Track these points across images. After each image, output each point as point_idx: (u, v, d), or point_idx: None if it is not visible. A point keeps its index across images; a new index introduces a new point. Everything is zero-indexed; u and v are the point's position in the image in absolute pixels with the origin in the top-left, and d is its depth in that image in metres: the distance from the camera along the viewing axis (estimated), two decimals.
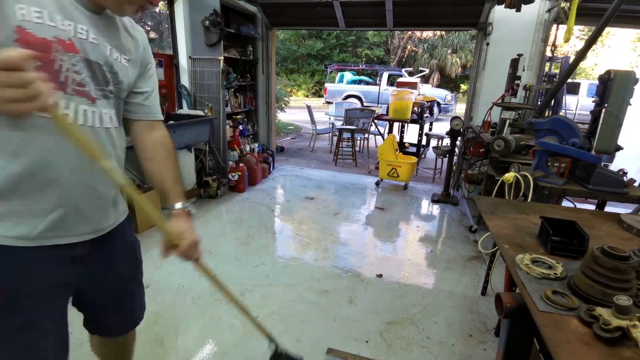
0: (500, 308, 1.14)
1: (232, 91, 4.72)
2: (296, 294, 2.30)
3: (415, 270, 2.68)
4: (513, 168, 2.33)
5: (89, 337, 1.28)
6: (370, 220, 3.60)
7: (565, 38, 3.02)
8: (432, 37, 18.92)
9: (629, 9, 3.40)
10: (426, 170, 5.54)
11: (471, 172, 3.71)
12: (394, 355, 1.85)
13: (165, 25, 4.05)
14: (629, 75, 2.00)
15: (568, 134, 2.06)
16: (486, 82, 4.16)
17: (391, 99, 5.67)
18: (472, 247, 3.07)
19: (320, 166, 5.66)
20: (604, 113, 2.05)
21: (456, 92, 17.63)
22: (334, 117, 8.32)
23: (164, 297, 2.19)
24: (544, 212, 1.61)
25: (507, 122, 2.99)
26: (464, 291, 2.42)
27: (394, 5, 4.21)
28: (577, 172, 2.16)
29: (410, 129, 6.97)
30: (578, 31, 13.49)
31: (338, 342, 1.87)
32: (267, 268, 2.61)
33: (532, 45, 3.84)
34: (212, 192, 3.88)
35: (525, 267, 1.12)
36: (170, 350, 1.80)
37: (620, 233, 1.48)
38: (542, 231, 1.33)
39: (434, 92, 12.35)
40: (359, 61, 19.21)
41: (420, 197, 4.38)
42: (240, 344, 1.86)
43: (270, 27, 5.06)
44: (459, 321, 2.12)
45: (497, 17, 3.92)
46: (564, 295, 0.98)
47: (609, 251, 0.96)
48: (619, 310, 0.84)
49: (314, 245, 3.02)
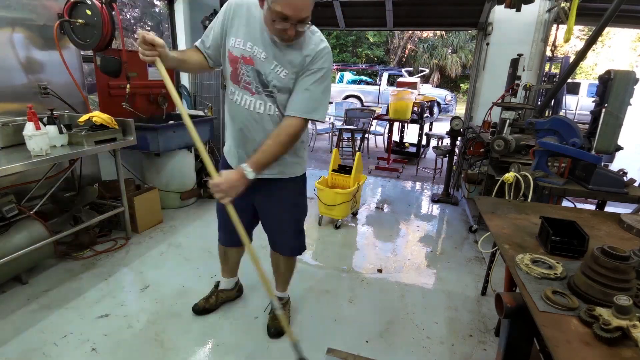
0: (500, 308, 1.14)
1: None
2: (296, 294, 2.30)
3: (415, 270, 2.68)
4: (513, 168, 2.32)
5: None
6: (370, 220, 3.60)
7: (565, 38, 3.02)
8: (432, 37, 18.92)
9: (629, 9, 3.40)
10: (426, 170, 5.54)
11: (471, 172, 3.71)
12: (394, 355, 1.84)
13: (165, 25, 4.05)
14: (629, 75, 2.01)
15: (568, 134, 2.06)
16: (486, 82, 4.16)
17: (391, 99, 5.66)
18: (472, 247, 3.07)
19: (321, 166, 5.66)
20: (604, 113, 2.05)
21: (456, 92, 17.63)
22: (334, 117, 8.31)
23: (164, 297, 2.19)
24: (544, 212, 1.61)
25: (507, 122, 2.99)
26: (464, 291, 2.42)
27: (394, 5, 4.21)
28: (577, 172, 2.16)
29: (410, 129, 6.98)
30: (578, 31, 13.50)
31: (338, 342, 1.87)
32: (267, 268, 2.60)
33: (532, 45, 3.84)
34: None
35: (525, 267, 1.12)
36: (170, 350, 1.80)
37: (620, 233, 1.48)
38: (542, 231, 1.33)
39: (434, 92, 12.34)
40: (359, 61, 19.20)
41: (420, 197, 4.38)
42: (240, 344, 1.86)
43: None
44: (459, 321, 2.12)
45: (497, 17, 3.92)
46: (564, 295, 0.98)
47: (609, 251, 0.96)
48: (619, 310, 0.84)
49: (314, 244, 3.02)
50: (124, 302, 2.13)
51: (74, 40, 2.59)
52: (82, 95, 2.83)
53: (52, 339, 1.82)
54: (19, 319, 1.95)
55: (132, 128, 2.66)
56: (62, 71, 2.60)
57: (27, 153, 2.09)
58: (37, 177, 2.41)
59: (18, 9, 2.39)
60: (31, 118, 2.04)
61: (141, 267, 2.52)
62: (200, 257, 2.68)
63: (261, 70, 1.38)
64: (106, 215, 2.72)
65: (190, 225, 3.23)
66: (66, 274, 2.38)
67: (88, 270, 2.43)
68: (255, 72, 1.39)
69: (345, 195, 3.15)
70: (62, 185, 2.63)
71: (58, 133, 2.29)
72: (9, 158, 2.04)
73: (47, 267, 2.43)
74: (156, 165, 3.35)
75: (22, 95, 2.44)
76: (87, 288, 2.25)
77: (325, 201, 3.20)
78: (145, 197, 3.02)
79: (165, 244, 2.86)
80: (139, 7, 4.17)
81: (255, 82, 1.41)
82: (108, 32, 2.53)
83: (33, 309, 2.04)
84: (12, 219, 2.18)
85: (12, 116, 2.35)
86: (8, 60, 2.34)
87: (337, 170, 3.48)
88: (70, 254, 2.59)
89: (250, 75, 1.40)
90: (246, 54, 1.38)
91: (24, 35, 2.43)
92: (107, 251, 2.69)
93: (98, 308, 2.07)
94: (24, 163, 1.97)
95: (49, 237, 2.26)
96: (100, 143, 2.46)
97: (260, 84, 1.40)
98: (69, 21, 2.52)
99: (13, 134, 2.29)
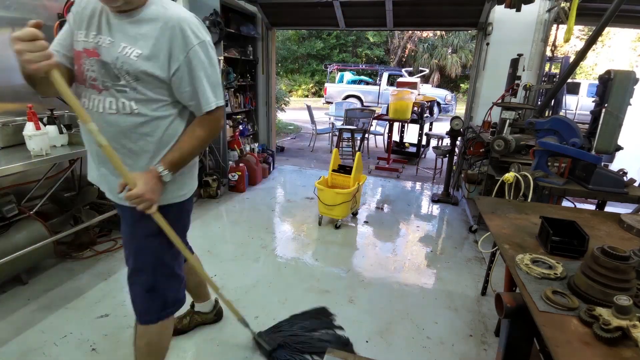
0: (500, 308, 1.14)
1: (232, 91, 4.72)
2: (296, 294, 2.30)
3: (415, 270, 2.68)
4: (513, 168, 2.32)
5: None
6: (370, 220, 3.60)
7: (565, 38, 3.01)
8: (432, 37, 18.91)
9: (629, 9, 3.40)
10: (426, 170, 5.54)
11: (471, 172, 3.71)
12: (394, 355, 1.84)
13: None
14: (629, 75, 2.00)
15: (568, 134, 2.06)
16: (486, 82, 4.16)
17: (391, 99, 5.66)
18: (472, 247, 3.07)
19: (321, 166, 5.66)
20: (604, 113, 2.04)
21: (456, 92, 17.62)
22: (334, 117, 8.32)
23: None
24: (544, 212, 1.61)
25: (507, 122, 2.99)
26: (464, 291, 2.42)
27: (394, 5, 4.21)
28: (577, 172, 2.16)
29: (410, 129, 6.97)
30: (578, 31, 13.50)
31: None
32: (267, 268, 2.61)
33: (532, 45, 3.84)
34: (212, 192, 3.88)
35: (525, 267, 1.12)
36: (170, 350, 1.79)
37: (620, 233, 1.48)
38: (542, 231, 1.33)
39: (434, 92, 12.34)
40: (359, 61, 19.20)
41: (420, 197, 4.38)
42: (240, 344, 1.86)
43: (270, 27, 5.06)
44: (459, 321, 2.12)
45: (497, 17, 3.92)
46: (564, 295, 0.98)
47: (609, 251, 0.96)
48: (619, 310, 0.84)
49: (314, 245, 3.02)
50: (124, 302, 2.13)
51: None
52: None
53: (52, 339, 1.82)
54: (19, 319, 1.95)
55: None
56: None
57: (27, 153, 2.09)
58: (37, 177, 2.41)
59: (18, 9, 2.39)
60: (31, 118, 2.05)
61: None
62: (200, 257, 2.67)
63: (108, 59, 1.11)
64: (106, 215, 2.72)
65: (190, 225, 3.22)
66: (66, 274, 2.38)
67: (88, 270, 2.43)
68: (101, 63, 1.12)
69: (345, 195, 3.15)
70: (62, 185, 2.63)
71: (58, 133, 2.29)
72: (9, 158, 2.03)
73: (47, 267, 2.43)
74: None
75: (22, 95, 2.44)
76: (87, 288, 2.25)
77: (325, 201, 3.20)
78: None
79: None
80: None
81: (101, 76, 1.13)
82: None
83: (33, 309, 2.04)
84: (12, 219, 2.18)
85: (12, 116, 2.35)
86: (8, 60, 2.34)
87: (337, 170, 3.48)
88: (70, 254, 2.59)
89: (95, 69, 1.13)
90: (89, 45, 1.13)
91: None
92: (107, 251, 2.69)
93: (98, 308, 2.07)
94: (24, 163, 1.97)
95: (49, 237, 2.26)
96: None
97: (109, 77, 1.13)
98: None
99: (13, 134, 2.29)
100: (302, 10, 4.80)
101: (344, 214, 3.26)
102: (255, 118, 5.43)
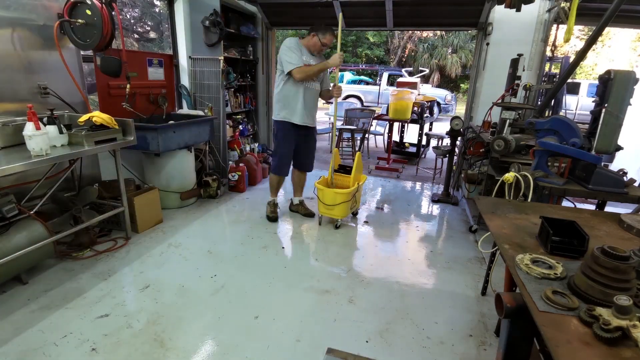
0: (500, 308, 1.14)
1: (232, 91, 4.72)
2: (296, 294, 2.30)
3: (415, 270, 2.68)
4: (513, 168, 2.32)
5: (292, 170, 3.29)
6: (370, 219, 3.60)
7: (565, 38, 3.01)
8: (432, 37, 18.92)
9: (629, 9, 3.40)
10: (426, 170, 5.54)
11: (471, 172, 3.71)
12: (394, 355, 1.84)
13: (165, 25, 4.05)
14: (629, 75, 2.00)
15: (568, 134, 2.06)
16: (486, 82, 4.16)
17: (391, 99, 5.66)
18: (472, 247, 3.07)
19: (321, 166, 5.66)
20: (604, 113, 2.05)
21: (456, 92, 17.63)
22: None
23: (164, 297, 2.19)
24: (544, 212, 1.61)
25: (507, 122, 2.99)
26: (464, 291, 2.42)
27: (394, 5, 4.20)
28: (577, 172, 2.16)
29: (410, 129, 6.97)
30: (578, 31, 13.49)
31: (338, 342, 1.87)
32: (267, 268, 2.61)
33: (532, 45, 3.84)
34: (212, 192, 3.88)
35: (525, 267, 1.12)
36: (170, 350, 1.80)
37: (620, 233, 1.48)
38: (542, 231, 1.33)
39: (434, 92, 12.35)
40: (359, 61, 19.20)
41: (420, 197, 4.38)
42: (240, 344, 1.86)
43: (270, 27, 5.06)
44: (459, 321, 2.12)
45: (497, 17, 3.92)
46: (564, 295, 0.98)
47: (609, 251, 0.96)
48: (619, 310, 0.84)
49: (314, 244, 3.02)
50: (124, 302, 2.13)
51: (74, 40, 2.59)
52: (82, 95, 2.83)
53: (52, 339, 1.82)
54: (19, 319, 1.95)
55: (132, 128, 2.66)
56: (62, 71, 2.61)
57: (27, 153, 2.09)
58: (37, 177, 2.41)
59: (18, 9, 2.39)
60: (31, 118, 2.05)
61: (141, 267, 2.52)
62: (200, 257, 2.69)
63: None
64: (106, 215, 2.72)
65: (190, 225, 3.23)
66: (66, 274, 2.38)
67: (88, 270, 2.44)
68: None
69: (345, 195, 3.15)
70: (62, 185, 2.63)
71: (58, 133, 2.29)
72: (9, 158, 2.04)
73: (47, 267, 2.43)
74: (156, 165, 3.35)
75: (22, 95, 2.44)
76: (87, 288, 2.25)
77: (325, 201, 3.20)
78: (145, 197, 3.02)
79: (165, 244, 2.86)
80: (139, 7, 4.17)
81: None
82: (108, 32, 2.54)
83: (33, 309, 2.04)
84: (12, 219, 2.18)
85: (12, 116, 2.35)
86: (8, 60, 2.34)
87: (337, 170, 3.48)
88: (70, 254, 2.59)
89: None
90: (307, 62, 2.98)
91: (24, 35, 2.43)
92: (107, 251, 2.69)
93: (98, 308, 2.07)
94: (24, 163, 1.98)
95: (49, 237, 2.26)
96: (100, 143, 2.46)
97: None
98: (69, 21, 2.53)
99: (13, 134, 2.29)
100: (302, 10, 4.80)
101: (344, 214, 3.26)
102: (255, 118, 5.43)
